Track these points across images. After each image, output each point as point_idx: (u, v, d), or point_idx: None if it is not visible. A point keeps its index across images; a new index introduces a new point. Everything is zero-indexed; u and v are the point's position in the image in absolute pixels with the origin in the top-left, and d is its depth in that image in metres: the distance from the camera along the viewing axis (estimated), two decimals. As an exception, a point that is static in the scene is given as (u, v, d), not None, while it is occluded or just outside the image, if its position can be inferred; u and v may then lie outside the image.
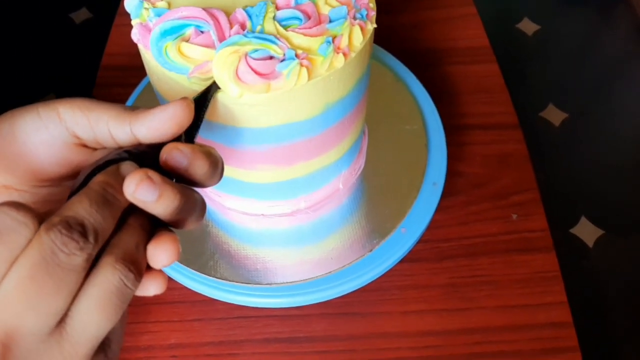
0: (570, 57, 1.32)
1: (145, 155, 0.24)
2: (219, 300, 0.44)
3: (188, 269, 0.42)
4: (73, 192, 0.22)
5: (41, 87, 1.27)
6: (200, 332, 0.45)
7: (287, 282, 0.41)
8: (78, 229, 0.19)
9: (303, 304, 0.43)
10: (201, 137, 0.34)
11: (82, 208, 0.19)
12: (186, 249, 0.43)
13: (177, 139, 0.25)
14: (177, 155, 0.23)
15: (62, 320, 0.19)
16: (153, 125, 0.24)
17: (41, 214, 0.19)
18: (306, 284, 0.42)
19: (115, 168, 0.22)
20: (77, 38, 1.38)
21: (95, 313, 0.19)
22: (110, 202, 0.20)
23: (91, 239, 0.19)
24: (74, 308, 0.19)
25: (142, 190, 0.20)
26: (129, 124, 0.24)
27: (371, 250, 0.42)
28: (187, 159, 0.23)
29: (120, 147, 0.25)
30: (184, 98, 0.25)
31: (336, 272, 0.42)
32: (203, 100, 0.28)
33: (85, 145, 0.25)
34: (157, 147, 0.24)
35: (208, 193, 0.44)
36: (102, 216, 0.20)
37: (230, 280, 0.41)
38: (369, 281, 0.43)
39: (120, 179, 0.21)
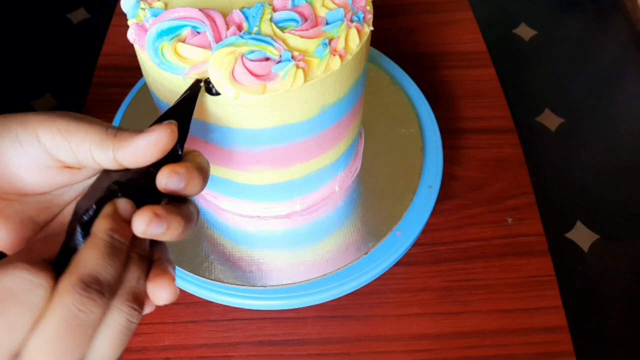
0: (567, 63, 1.33)
1: (134, 182, 0.24)
2: (213, 302, 0.43)
3: (182, 270, 0.42)
4: (71, 232, 0.22)
5: (38, 86, 1.26)
6: (194, 334, 0.45)
7: (281, 285, 0.41)
8: (95, 288, 0.20)
9: (298, 307, 0.43)
10: (197, 138, 0.34)
11: (95, 263, 0.21)
12: (181, 250, 0.43)
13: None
14: (175, 180, 0.23)
15: None
16: (136, 153, 0.23)
17: (50, 268, 0.21)
18: (301, 286, 0.42)
19: (113, 209, 0.23)
20: (74, 38, 1.37)
21: (107, 350, 0.21)
22: (118, 249, 0.22)
23: (107, 294, 0.21)
24: (91, 350, 0.21)
25: (153, 228, 0.22)
26: (111, 150, 0.23)
27: (366, 253, 0.42)
28: (184, 180, 0.24)
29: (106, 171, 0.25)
30: (167, 123, 0.24)
31: (331, 274, 0.42)
32: (189, 102, 0.27)
33: (68, 166, 0.25)
34: (144, 170, 0.24)
35: (203, 194, 0.44)
36: (114, 266, 0.21)
37: (224, 282, 0.41)
38: (364, 284, 0.43)
39: (122, 222, 0.22)
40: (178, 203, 0.24)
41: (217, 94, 0.29)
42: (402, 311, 0.45)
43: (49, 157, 0.24)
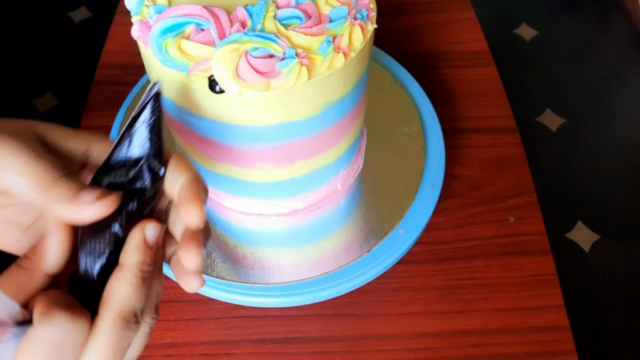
0: (568, 63, 1.33)
1: (131, 210, 0.23)
2: (216, 300, 0.43)
3: (185, 267, 0.42)
4: (85, 251, 0.23)
5: (40, 85, 1.27)
6: (196, 331, 0.45)
7: (284, 282, 0.41)
8: (133, 320, 0.22)
9: (300, 304, 0.43)
10: (200, 135, 0.34)
11: (131, 298, 0.22)
12: (183, 247, 0.43)
13: (141, 164, 0.23)
14: (202, 218, 0.24)
15: None
16: (67, 216, 0.22)
17: (86, 310, 0.22)
18: (303, 284, 0.42)
19: (141, 239, 0.23)
20: (75, 37, 1.37)
21: (134, 353, 0.23)
22: (147, 279, 0.23)
23: (141, 320, 0.23)
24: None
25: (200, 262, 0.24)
26: (45, 202, 0.22)
27: (369, 251, 0.42)
28: (205, 213, 0.24)
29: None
30: (113, 195, 0.23)
31: (333, 272, 0.42)
32: (157, 111, 0.24)
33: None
34: (128, 180, 0.23)
35: (206, 192, 0.44)
36: (145, 295, 0.23)
37: (227, 280, 0.41)
38: (366, 282, 0.43)
39: (150, 250, 0.23)
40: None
41: (220, 92, 0.29)
42: (403, 309, 0.45)
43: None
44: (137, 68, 0.55)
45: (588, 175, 1.12)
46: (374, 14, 0.33)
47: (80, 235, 0.23)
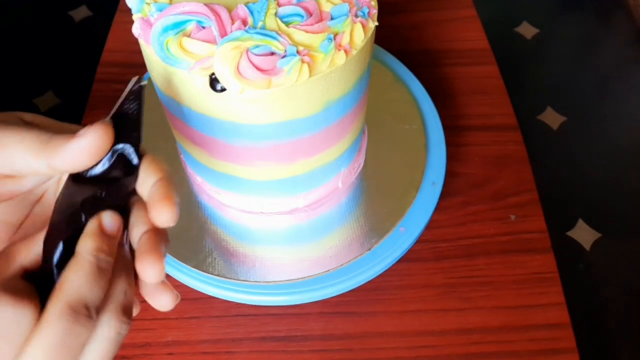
0: (569, 61, 1.33)
1: (100, 201, 0.23)
2: (217, 298, 0.43)
3: (186, 266, 0.42)
4: (50, 250, 0.22)
5: (40, 84, 1.27)
6: (198, 329, 0.45)
7: (285, 280, 0.41)
8: (84, 313, 0.20)
9: (301, 302, 0.43)
10: (201, 133, 0.34)
11: (82, 288, 0.20)
12: (184, 246, 0.43)
13: (119, 154, 0.23)
14: (174, 215, 0.23)
15: None
16: (71, 159, 0.22)
17: (35, 295, 0.20)
18: (304, 282, 0.42)
19: (97, 225, 0.22)
20: (76, 36, 1.37)
21: None
22: (104, 269, 0.21)
23: (94, 315, 0.21)
24: None
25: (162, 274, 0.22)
26: (45, 158, 0.22)
27: (370, 249, 0.42)
28: (177, 211, 0.23)
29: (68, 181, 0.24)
30: (100, 123, 0.23)
31: (334, 270, 0.42)
32: (133, 106, 0.25)
33: (10, 176, 0.24)
34: (103, 173, 0.23)
35: (207, 190, 0.44)
36: (101, 287, 0.21)
37: (228, 278, 0.41)
38: (367, 280, 0.43)
39: (107, 238, 0.22)
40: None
41: (222, 90, 0.29)
42: (404, 307, 0.45)
43: None
44: (138, 66, 0.55)
45: (589, 174, 1.12)
46: (375, 12, 0.32)
47: (49, 225, 0.23)
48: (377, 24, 0.33)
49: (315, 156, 0.37)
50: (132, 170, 0.23)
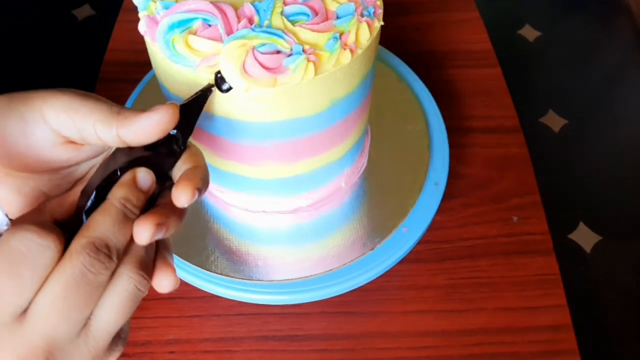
0: (571, 64, 1.33)
1: (140, 160, 0.25)
2: (218, 297, 0.44)
3: (189, 264, 0.42)
4: (84, 199, 0.23)
5: (43, 83, 1.27)
6: (199, 328, 0.45)
7: (287, 279, 0.41)
8: (104, 251, 0.21)
9: (303, 302, 0.43)
10: (206, 132, 0.34)
11: (106, 229, 0.22)
12: (187, 244, 0.43)
13: (170, 138, 0.25)
14: (193, 196, 0.24)
15: (87, 322, 0.22)
16: (138, 131, 0.24)
17: (60, 232, 0.21)
18: (306, 281, 0.42)
19: (131, 179, 0.24)
20: (79, 35, 1.37)
21: (115, 315, 0.22)
22: (129, 218, 0.23)
23: (115, 257, 0.22)
24: (96, 312, 0.22)
25: (154, 238, 0.23)
26: (115, 127, 0.24)
27: (372, 249, 0.42)
28: (197, 194, 0.24)
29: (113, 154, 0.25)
30: (170, 104, 0.25)
31: (337, 270, 0.42)
32: (198, 103, 0.28)
33: (73, 142, 0.25)
34: (149, 149, 0.25)
35: (210, 189, 0.44)
36: (123, 234, 0.22)
37: (230, 276, 0.41)
38: (370, 280, 0.43)
39: (138, 191, 0.23)
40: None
41: (228, 90, 0.29)
42: (406, 308, 0.45)
43: (54, 133, 0.24)
44: (141, 65, 0.55)
45: (590, 176, 1.12)
46: (380, 11, 0.33)
47: (88, 181, 0.24)
48: (382, 23, 0.33)
49: (319, 155, 0.37)
50: (175, 154, 0.26)
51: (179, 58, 0.30)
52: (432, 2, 0.68)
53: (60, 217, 0.24)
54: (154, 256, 0.24)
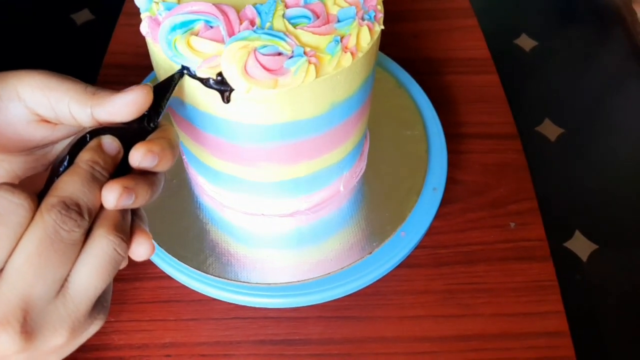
0: (567, 74, 1.34)
1: (109, 131, 0.25)
2: (215, 300, 0.43)
3: (186, 266, 0.42)
4: (57, 165, 0.24)
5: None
6: (196, 331, 0.44)
7: (284, 283, 0.41)
8: (75, 209, 0.22)
9: (301, 305, 0.43)
10: (206, 133, 0.35)
11: (75, 188, 0.22)
12: (185, 247, 0.43)
13: (142, 118, 0.26)
14: (149, 159, 0.24)
15: (64, 284, 0.22)
16: (113, 110, 0.25)
17: (33, 192, 0.22)
18: (304, 284, 0.42)
19: (97, 143, 0.24)
20: (78, 39, 1.38)
21: (93, 278, 0.22)
22: (98, 179, 0.23)
23: (86, 216, 0.22)
24: (74, 274, 0.22)
25: (122, 201, 0.23)
26: (90, 107, 0.24)
27: (370, 253, 0.42)
28: (157, 159, 0.25)
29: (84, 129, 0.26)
30: (144, 85, 0.25)
31: (334, 274, 0.42)
32: (166, 86, 0.29)
33: (47, 121, 0.26)
34: (121, 129, 0.25)
35: (208, 191, 0.44)
36: (93, 194, 0.22)
37: (228, 279, 0.41)
38: (367, 284, 0.43)
39: (105, 155, 0.24)
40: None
41: (228, 102, 0.30)
42: (404, 313, 0.45)
43: (28, 111, 0.25)
44: (140, 68, 0.56)
45: (586, 185, 1.13)
46: (381, 15, 0.33)
47: (60, 153, 0.25)
48: (383, 27, 0.33)
49: (318, 158, 0.37)
50: (146, 131, 0.26)
51: (180, 59, 0.30)
52: (431, 9, 0.68)
53: (34, 191, 0.24)
54: (129, 225, 0.25)
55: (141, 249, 0.24)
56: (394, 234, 0.43)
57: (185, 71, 0.30)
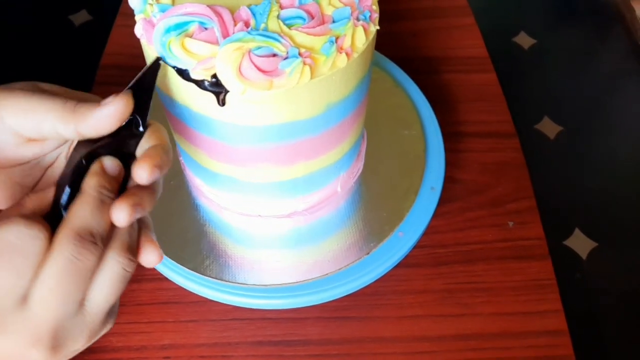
0: (566, 72, 1.34)
1: (103, 149, 0.26)
2: (214, 302, 0.43)
3: (183, 268, 0.42)
4: (60, 193, 0.25)
5: (38, 88, 1.27)
6: (194, 333, 0.44)
7: (282, 284, 0.41)
8: (89, 239, 0.23)
9: (298, 306, 0.43)
10: (202, 135, 0.34)
11: (86, 217, 0.23)
12: (182, 248, 0.43)
13: (130, 122, 0.26)
14: (157, 174, 0.25)
15: (82, 303, 0.24)
16: (96, 124, 0.25)
17: (45, 222, 0.23)
18: (302, 285, 0.42)
19: (100, 167, 0.25)
20: (76, 40, 1.37)
21: (106, 295, 0.24)
22: (106, 203, 0.24)
23: (99, 243, 0.24)
24: (90, 292, 0.24)
25: (132, 218, 0.24)
26: (73, 124, 0.25)
27: (368, 253, 0.42)
28: (163, 170, 0.26)
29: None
30: (123, 93, 0.26)
31: (332, 274, 0.42)
32: (146, 84, 0.28)
33: (35, 139, 0.26)
34: (111, 138, 0.26)
35: (205, 193, 0.44)
36: (104, 218, 0.24)
37: (225, 281, 0.41)
38: (366, 284, 0.43)
39: (109, 177, 0.25)
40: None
41: (223, 104, 0.30)
42: (402, 312, 0.45)
43: (14, 136, 0.25)
44: (137, 69, 0.55)
45: (585, 183, 1.13)
46: (376, 16, 0.33)
47: (59, 176, 0.26)
48: (378, 27, 0.33)
49: (315, 159, 0.37)
50: (136, 136, 0.27)
51: (175, 60, 0.30)
52: (428, 8, 0.68)
53: (40, 212, 0.25)
54: (137, 235, 0.26)
55: (150, 258, 0.26)
56: (392, 234, 0.43)
57: (160, 61, 0.30)
